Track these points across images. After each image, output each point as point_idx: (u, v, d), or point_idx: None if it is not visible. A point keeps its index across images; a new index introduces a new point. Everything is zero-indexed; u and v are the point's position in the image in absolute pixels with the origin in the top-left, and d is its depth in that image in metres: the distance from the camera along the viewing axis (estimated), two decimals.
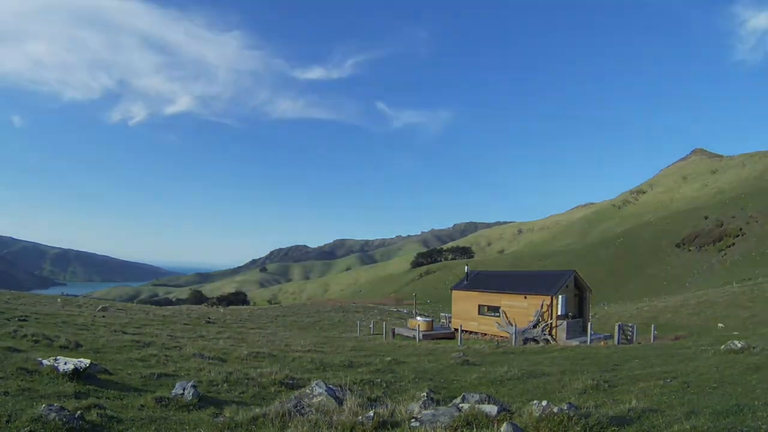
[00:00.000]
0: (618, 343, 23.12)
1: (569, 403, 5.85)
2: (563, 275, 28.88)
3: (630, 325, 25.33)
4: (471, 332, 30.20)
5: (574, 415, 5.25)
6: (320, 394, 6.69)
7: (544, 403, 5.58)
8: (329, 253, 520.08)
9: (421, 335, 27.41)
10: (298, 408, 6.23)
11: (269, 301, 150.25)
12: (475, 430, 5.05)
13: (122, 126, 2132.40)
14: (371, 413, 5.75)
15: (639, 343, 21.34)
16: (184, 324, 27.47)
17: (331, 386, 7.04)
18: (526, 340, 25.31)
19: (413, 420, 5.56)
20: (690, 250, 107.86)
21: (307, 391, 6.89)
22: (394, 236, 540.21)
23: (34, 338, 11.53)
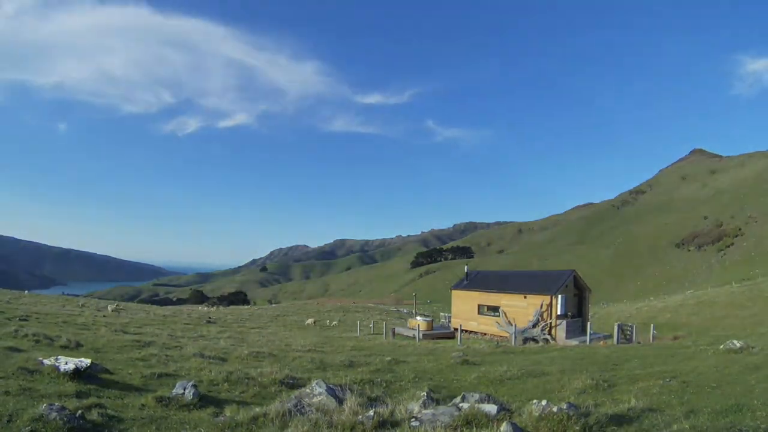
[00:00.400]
0: (617, 342, 23.15)
1: (569, 402, 5.88)
2: (563, 275, 28.93)
3: (629, 324, 25.36)
4: (471, 332, 30.22)
5: (573, 415, 5.28)
6: (320, 393, 6.71)
7: (543, 402, 5.61)
8: (329, 253, 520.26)
9: (421, 335, 27.43)
10: (299, 407, 6.25)
11: (269, 301, 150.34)
12: (475, 429, 5.08)
13: (170, 137, 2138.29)
14: (371, 413, 5.78)
15: (638, 343, 21.38)
16: (185, 324, 27.49)
17: (331, 386, 7.06)
18: (525, 340, 25.34)
19: (413, 419, 5.59)
20: (689, 250, 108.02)
21: (308, 390, 6.91)
22: (394, 236, 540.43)
23: (35, 338, 11.55)
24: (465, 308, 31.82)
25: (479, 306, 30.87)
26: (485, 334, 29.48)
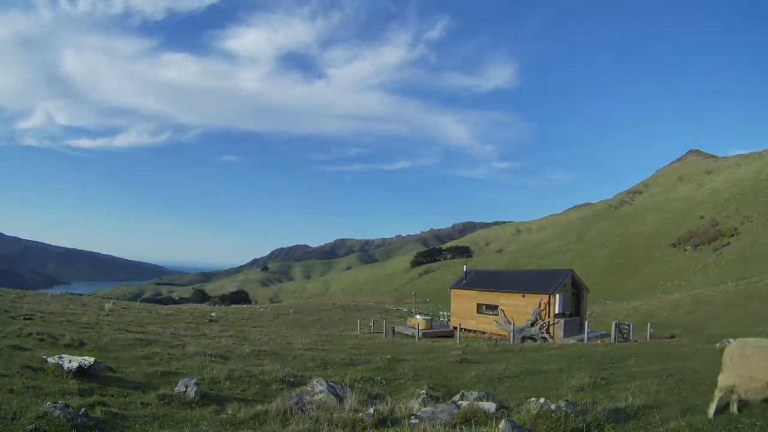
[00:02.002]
0: (614, 341, 23.25)
1: (566, 400, 5.95)
2: (561, 274, 29.07)
3: (626, 323, 25.48)
4: (470, 330, 30.33)
5: (571, 412, 5.32)
6: (321, 391, 6.77)
7: (541, 400, 5.65)
8: (330, 253, 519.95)
9: (420, 333, 27.51)
10: (300, 405, 6.30)
11: (271, 300, 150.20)
12: (474, 426, 5.11)
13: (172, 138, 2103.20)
14: (371, 410, 5.83)
15: (635, 342, 21.49)
16: (187, 322, 27.59)
17: (331, 384, 7.12)
18: (524, 339, 25.46)
19: (413, 417, 5.64)
20: (686, 250, 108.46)
21: (309, 388, 6.97)
22: (394, 236, 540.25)
23: (39, 336, 11.59)
24: (464, 307, 31.93)
25: (478, 305, 30.98)
26: (484, 332, 29.60)
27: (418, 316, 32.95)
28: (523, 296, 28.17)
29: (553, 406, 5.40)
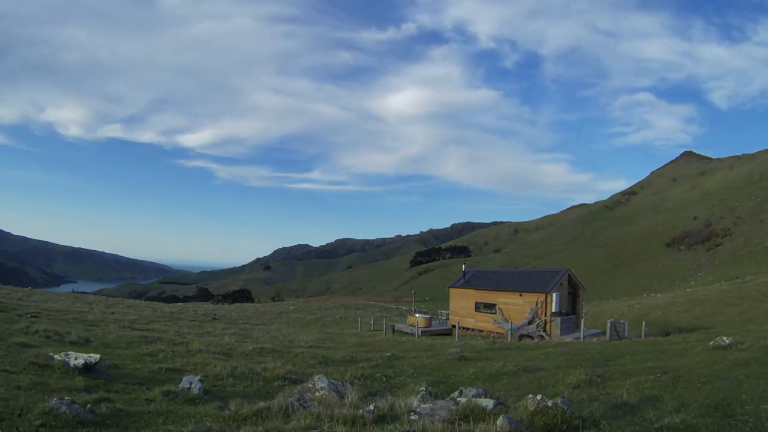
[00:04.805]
0: (610, 339, 23.43)
1: (563, 397, 6.04)
2: (557, 273, 29.26)
3: (622, 322, 25.69)
4: (468, 329, 30.48)
5: (567, 409, 5.40)
6: (322, 388, 6.84)
7: (538, 397, 5.70)
8: (331, 252, 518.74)
9: (419, 332, 27.63)
10: (301, 402, 6.37)
11: (273, 299, 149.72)
12: (472, 423, 5.15)
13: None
14: (372, 407, 5.90)
15: (631, 340, 21.69)
16: (191, 320, 27.70)
17: (332, 381, 7.20)
18: (521, 337, 25.63)
19: (412, 413, 5.70)
20: (680, 250, 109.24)
21: (310, 385, 7.05)
22: (393, 236, 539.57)
23: (45, 334, 11.65)
24: (462, 306, 32.08)
25: (476, 303, 31.13)
26: (482, 331, 29.76)
27: (417, 315, 33.07)
28: (521, 295, 28.33)
29: (550, 403, 5.45)
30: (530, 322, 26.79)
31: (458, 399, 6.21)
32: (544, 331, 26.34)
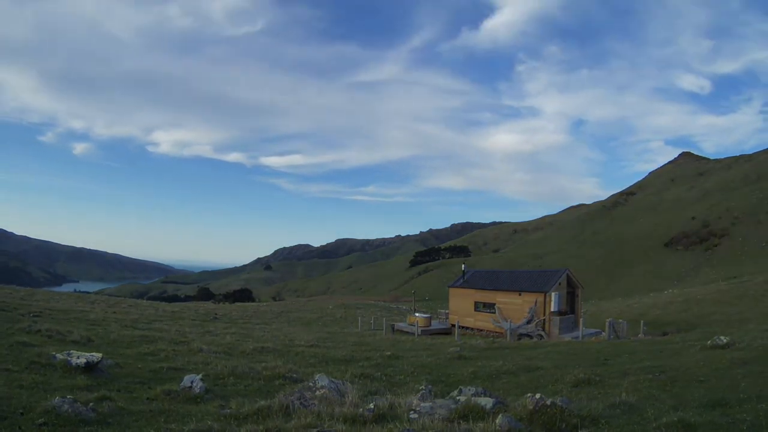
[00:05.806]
0: (608, 338, 23.54)
1: (562, 396, 6.09)
2: (556, 273, 29.33)
3: (620, 321, 25.77)
4: (467, 328, 30.55)
5: (566, 408, 5.44)
6: (323, 387, 6.87)
7: (537, 396, 5.73)
8: (331, 252, 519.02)
9: (419, 331, 27.69)
10: (302, 400, 6.40)
11: (274, 298, 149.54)
12: (471, 422, 5.17)
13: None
14: (371, 406, 5.93)
15: (629, 339, 21.77)
16: (192, 320, 27.75)
17: (333, 380, 7.23)
18: (520, 336, 25.70)
19: (412, 412, 5.73)
20: (678, 250, 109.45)
21: (310, 384, 7.08)
22: (393, 236, 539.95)
23: (47, 333, 11.65)
24: (462, 305, 32.14)
25: (476, 303, 31.20)
26: (481, 330, 29.83)
27: (417, 314, 33.12)
28: (520, 294, 28.40)
29: (548, 402, 5.47)
30: (529, 322, 26.85)
31: (458, 398, 6.24)
32: (543, 330, 26.41)
